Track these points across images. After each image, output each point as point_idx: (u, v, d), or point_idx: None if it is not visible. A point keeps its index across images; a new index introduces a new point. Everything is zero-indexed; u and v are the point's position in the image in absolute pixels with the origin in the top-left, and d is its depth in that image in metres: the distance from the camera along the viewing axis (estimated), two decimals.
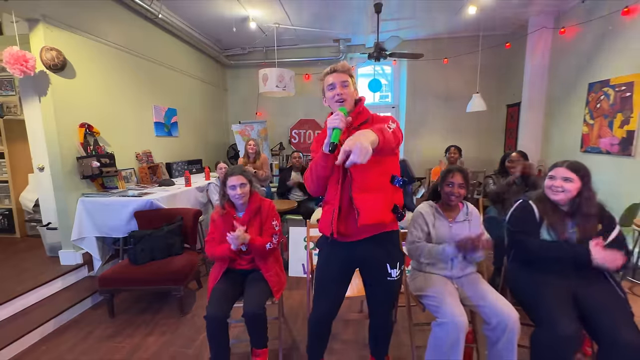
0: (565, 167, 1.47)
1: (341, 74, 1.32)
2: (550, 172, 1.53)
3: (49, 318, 2.09)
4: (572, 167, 1.47)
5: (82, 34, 2.74)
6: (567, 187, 1.45)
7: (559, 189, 1.47)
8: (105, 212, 2.60)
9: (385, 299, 1.46)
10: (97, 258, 2.67)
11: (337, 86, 1.31)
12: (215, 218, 1.74)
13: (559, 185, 1.47)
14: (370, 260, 1.38)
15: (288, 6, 3.81)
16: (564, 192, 1.46)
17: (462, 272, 1.64)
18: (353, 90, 1.35)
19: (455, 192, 1.64)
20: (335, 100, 1.31)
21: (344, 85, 1.31)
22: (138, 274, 2.19)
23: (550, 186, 1.50)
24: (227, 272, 1.74)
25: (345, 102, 1.31)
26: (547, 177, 1.54)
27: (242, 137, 4.76)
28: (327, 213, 1.38)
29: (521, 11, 4.05)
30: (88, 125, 2.72)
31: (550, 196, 1.51)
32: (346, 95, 1.31)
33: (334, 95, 1.31)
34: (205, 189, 3.35)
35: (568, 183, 1.45)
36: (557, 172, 1.49)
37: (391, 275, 1.37)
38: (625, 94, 3.05)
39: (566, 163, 1.49)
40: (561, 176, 1.47)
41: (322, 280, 1.44)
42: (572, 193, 1.45)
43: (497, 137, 5.26)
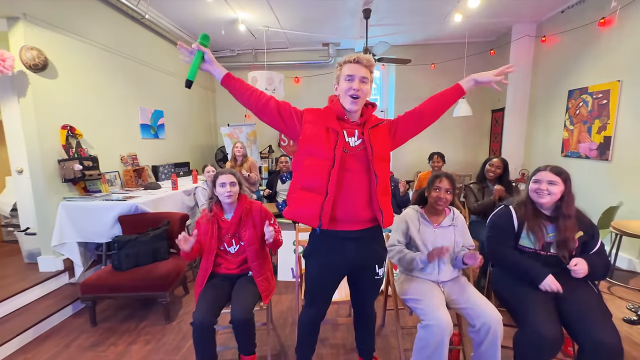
0: (549, 171, 1.52)
1: (363, 68, 1.23)
2: (535, 176, 1.57)
3: (27, 327, 2.01)
4: (556, 171, 1.51)
5: (66, 33, 2.66)
6: (552, 190, 1.50)
7: (544, 192, 1.51)
8: (87, 216, 2.52)
9: (371, 295, 1.49)
10: (78, 264, 2.58)
11: (355, 80, 1.22)
12: (201, 221, 1.72)
13: (544, 189, 1.51)
14: (362, 264, 1.37)
15: (278, 10, 3.82)
16: (550, 195, 1.50)
17: (449, 277, 1.67)
18: (369, 88, 1.27)
19: (443, 197, 1.67)
20: (350, 94, 1.23)
21: (363, 81, 1.23)
22: (122, 280, 2.13)
23: (536, 189, 1.54)
24: (214, 277, 1.72)
25: (359, 100, 1.24)
26: (532, 181, 1.58)
27: (230, 140, 4.72)
28: (310, 201, 1.24)
29: (505, 19, 4.17)
30: (70, 127, 2.65)
31: (536, 199, 1.55)
32: (362, 93, 1.23)
33: (349, 88, 1.22)
34: (193, 192, 3.30)
35: (553, 186, 1.50)
36: (541, 176, 1.53)
37: (378, 275, 1.40)
38: (602, 101, 3.18)
39: (549, 167, 1.54)
40: (546, 180, 1.51)
41: (315, 287, 1.42)
42: (557, 196, 1.50)
43: (483, 141, 5.39)
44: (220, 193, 1.66)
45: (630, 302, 2.34)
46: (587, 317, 1.35)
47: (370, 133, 1.28)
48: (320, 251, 1.35)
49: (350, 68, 1.23)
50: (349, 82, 1.23)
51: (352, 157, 1.24)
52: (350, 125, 1.28)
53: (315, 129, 1.26)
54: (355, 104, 1.25)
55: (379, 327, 2.09)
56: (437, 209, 1.71)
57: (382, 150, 1.29)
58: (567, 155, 3.68)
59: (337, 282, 1.43)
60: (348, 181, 1.24)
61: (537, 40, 4.21)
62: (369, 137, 1.26)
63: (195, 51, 1.21)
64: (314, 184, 1.24)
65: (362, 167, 1.25)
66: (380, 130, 1.32)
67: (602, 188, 3.19)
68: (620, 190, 2.98)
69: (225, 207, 1.72)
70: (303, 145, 1.29)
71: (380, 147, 1.28)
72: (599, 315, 1.36)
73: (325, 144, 1.23)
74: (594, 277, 1.52)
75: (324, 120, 1.28)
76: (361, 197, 1.25)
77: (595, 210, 2.89)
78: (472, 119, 4.90)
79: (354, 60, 1.23)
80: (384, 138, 1.32)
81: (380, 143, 1.29)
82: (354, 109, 1.27)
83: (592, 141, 3.32)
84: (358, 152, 1.25)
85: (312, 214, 1.24)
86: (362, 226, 1.31)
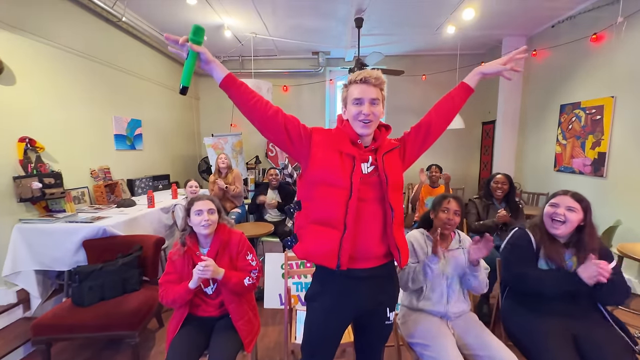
0: (570, 197, 1.41)
1: (372, 88, 1.06)
2: (553, 199, 1.46)
3: None
4: (577, 198, 1.41)
5: (27, 34, 2.39)
6: (570, 217, 1.39)
7: (560, 218, 1.40)
8: (47, 241, 2.22)
9: (380, 343, 1.28)
10: (35, 296, 2.26)
11: (365, 103, 1.05)
12: (174, 256, 1.47)
13: (561, 214, 1.40)
14: (373, 308, 1.17)
15: (266, 16, 3.64)
16: (565, 224, 1.39)
17: (457, 309, 1.50)
18: (382, 109, 1.10)
19: (452, 218, 1.53)
20: (360, 120, 1.06)
21: (374, 103, 1.06)
22: (83, 318, 1.84)
23: (552, 214, 1.43)
24: (190, 320, 1.47)
25: (371, 124, 1.07)
26: (548, 204, 1.47)
27: (214, 151, 4.46)
28: (326, 237, 1.06)
29: (495, 32, 4.16)
30: (29, 139, 2.35)
31: (549, 227, 1.44)
32: (374, 116, 1.06)
33: (358, 113, 1.06)
34: (171, 209, 3.03)
35: (571, 213, 1.39)
36: (560, 200, 1.43)
37: (389, 319, 1.20)
38: (596, 116, 3.15)
39: (570, 192, 1.44)
40: (565, 205, 1.41)
41: (318, 336, 1.18)
42: (573, 225, 1.39)
43: (473, 153, 5.35)
44: (195, 223, 1.43)
45: (634, 328, 2.23)
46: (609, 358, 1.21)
47: (384, 160, 1.11)
48: (327, 294, 1.14)
49: (358, 90, 1.06)
50: (357, 105, 1.07)
51: (365, 186, 1.07)
52: (363, 150, 1.11)
53: (328, 153, 1.08)
54: (367, 128, 1.07)
55: None
56: (444, 232, 1.55)
57: (397, 178, 1.12)
58: (560, 170, 3.64)
59: (343, 330, 1.21)
60: (362, 212, 1.07)
61: (528, 53, 4.20)
62: (382, 164, 1.09)
63: (187, 49, 1.00)
64: (330, 216, 1.06)
65: (375, 196, 1.09)
66: (393, 156, 1.16)
67: (597, 205, 3.10)
68: (617, 207, 2.92)
69: (201, 240, 1.49)
70: (313, 172, 1.09)
71: (395, 174, 1.12)
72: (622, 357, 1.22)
73: (340, 170, 1.06)
74: (615, 299, 1.40)
75: (337, 143, 1.09)
76: (376, 230, 1.08)
77: None
78: (462, 131, 4.84)
79: (361, 80, 1.06)
80: (397, 164, 1.16)
81: (394, 170, 1.13)
82: (366, 133, 1.09)
83: (586, 157, 3.28)
84: (371, 179, 1.09)
85: (329, 253, 1.05)
86: (375, 263, 1.11)
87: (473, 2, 3.22)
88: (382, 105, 1.11)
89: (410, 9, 3.46)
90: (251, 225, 3.03)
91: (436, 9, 3.45)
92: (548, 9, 3.45)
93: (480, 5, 3.29)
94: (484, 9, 3.38)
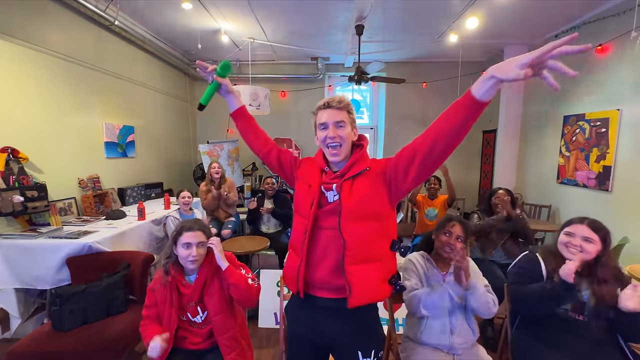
0: (587, 226, 1.32)
1: (336, 112, 1.08)
2: (567, 228, 1.37)
3: None
4: (594, 227, 1.31)
5: (9, 38, 2.27)
6: (587, 248, 1.30)
7: (577, 249, 1.31)
8: (28, 257, 2.09)
9: None
10: (15, 316, 2.13)
11: (330, 126, 1.07)
12: (155, 286, 1.36)
13: (577, 245, 1.31)
14: (339, 343, 1.08)
15: (264, 22, 3.55)
16: (582, 254, 1.29)
17: (463, 340, 1.40)
18: (351, 131, 1.10)
19: (453, 243, 1.44)
20: (327, 144, 1.08)
21: (339, 126, 1.07)
22: (63, 345, 1.71)
23: (567, 243, 1.34)
24: (176, 354, 1.36)
25: (339, 148, 1.07)
26: (563, 232, 1.39)
27: (210, 159, 4.35)
28: (292, 261, 1.13)
29: (498, 41, 4.09)
30: (12, 149, 2.23)
31: (566, 256, 1.35)
32: (341, 139, 1.07)
33: (325, 137, 1.08)
34: (163, 222, 2.91)
35: (588, 244, 1.30)
36: (576, 230, 1.34)
37: None
38: (601, 129, 3.08)
39: (587, 221, 1.34)
40: (581, 235, 1.31)
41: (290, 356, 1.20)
42: (591, 256, 1.29)
43: (474, 162, 5.27)
44: (182, 256, 1.32)
45: None
46: None
47: (344, 186, 1.05)
48: (291, 315, 1.20)
49: (324, 115, 1.09)
50: (323, 130, 1.09)
51: (326, 214, 1.05)
52: (329, 179, 1.10)
53: (301, 185, 1.16)
54: (336, 155, 1.08)
55: None
56: (443, 255, 1.47)
57: (359, 206, 1.01)
58: (564, 182, 3.56)
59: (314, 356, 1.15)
60: (318, 241, 1.05)
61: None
62: (340, 189, 1.05)
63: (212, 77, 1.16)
64: (295, 243, 1.13)
65: (333, 225, 1.03)
66: (363, 180, 1.05)
67: (602, 219, 3.03)
68: (623, 223, 2.84)
69: (187, 269, 1.38)
70: (294, 200, 1.20)
71: (357, 201, 1.02)
72: None
73: (305, 201, 1.10)
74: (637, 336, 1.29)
75: (309, 175, 1.15)
76: (330, 260, 1.03)
77: None
78: None
79: (324, 105, 1.10)
80: (368, 188, 1.04)
81: (358, 196, 1.02)
82: (336, 160, 1.10)
83: (591, 170, 3.21)
84: (332, 207, 1.05)
85: (292, 277, 1.11)
86: (333, 295, 1.04)
87: (476, 10, 3.14)
88: (351, 127, 1.11)
89: (412, 16, 3.38)
90: (246, 240, 2.91)
91: (438, 17, 3.37)
92: (551, 19, 3.39)
93: (483, 14, 3.22)
94: (487, 17, 3.31)
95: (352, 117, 1.11)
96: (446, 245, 1.45)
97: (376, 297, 1.05)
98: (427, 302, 1.34)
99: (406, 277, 1.49)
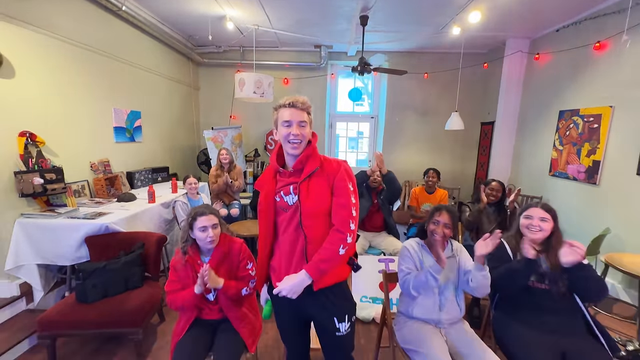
0: (541, 208, 1.58)
1: (300, 112, 1.19)
2: (526, 212, 1.61)
3: None
4: (547, 208, 1.58)
5: (25, 25, 2.33)
6: (544, 226, 1.55)
7: (536, 228, 1.55)
8: (49, 236, 2.24)
9: (337, 355, 1.34)
10: (38, 289, 2.30)
11: (293, 125, 1.18)
12: (176, 265, 1.52)
13: (536, 225, 1.55)
14: (317, 314, 1.27)
15: (269, 9, 3.57)
16: (542, 231, 1.54)
17: (450, 316, 1.58)
18: (309, 130, 1.23)
19: (439, 231, 1.61)
20: (290, 140, 1.19)
21: (302, 125, 1.19)
22: (87, 315, 1.89)
23: (528, 225, 1.59)
24: (194, 323, 1.53)
25: (299, 144, 1.19)
26: (523, 217, 1.62)
27: (214, 144, 4.45)
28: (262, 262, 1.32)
29: (499, 34, 4.13)
30: (30, 133, 2.33)
31: (529, 235, 1.58)
32: (302, 137, 1.19)
33: (288, 134, 1.19)
34: (172, 205, 3.05)
35: (544, 223, 1.55)
36: (533, 212, 1.58)
37: (340, 330, 1.26)
38: (593, 125, 3.20)
39: (540, 204, 1.61)
40: (538, 216, 1.56)
41: (280, 329, 1.41)
42: (547, 232, 1.54)
43: (471, 153, 5.39)
44: (201, 238, 1.47)
45: (618, 334, 2.35)
46: None
47: (301, 188, 1.19)
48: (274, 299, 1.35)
49: (287, 113, 1.19)
50: (287, 127, 1.19)
51: (287, 216, 1.23)
52: (286, 180, 1.24)
53: (263, 196, 1.28)
54: (296, 149, 1.20)
55: None
56: (433, 242, 1.63)
57: (316, 205, 1.19)
58: (555, 175, 3.71)
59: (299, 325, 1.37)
60: (284, 240, 1.25)
61: (530, 56, 4.20)
62: (299, 191, 1.19)
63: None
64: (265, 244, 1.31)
65: (294, 225, 1.21)
66: (318, 179, 1.21)
67: (589, 211, 3.23)
68: (607, 215, 3.01)
69: (203, 249, 1.53)
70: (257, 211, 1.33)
71: (313, 201, 1.19)
72: None
73: (266, 209, 1.26)
74: (589, 294, 1.51)
75: (265, 186, 1.28)
76: (296, 256, 1.22)
77: (581, 232, 2.92)
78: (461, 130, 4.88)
79: (289, 104, 1.19)
80: (320, 189, 1.20)
81: (314, 196, 1.19)
82: (296, 153, 1.21)
83: (581, 164, 3.34)
84: (292, 211, 1.21)
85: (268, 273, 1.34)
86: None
87: (480, 4, 3.18)
88: (310, 127, 1.23)
89: (416, 8, 3.42)
90: (252, 223, 3.07)
91: (442, 9, 3.41)
92: (554, 13, 3.43)
93: (486, 7, 3.26)
94: (489, 11, 3.35)
95: (311, 117, 1.24)
96: (434, 233, 1.62)
97: (338, 279, 1.25)
98: (415, 284, 1.53)
99: (401, 262, 1.66)
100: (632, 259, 2.22)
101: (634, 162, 2.77)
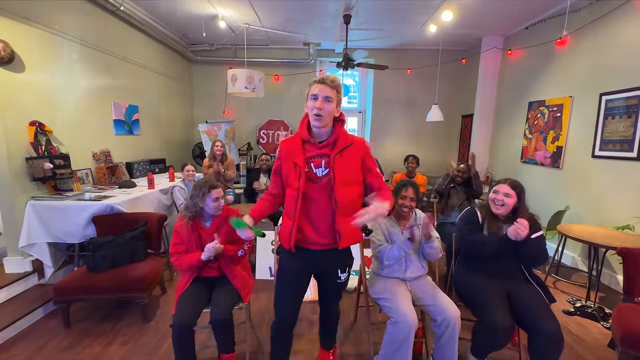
0: (507, 185, 1.75)
1: (328, 88, 1.30)
2: (495, 187, 1.80)
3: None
4: (512, 185, 1.74)
5: (34, 24, 2.53)
6: (506, 201, 1.73)
7: (500, 202, 1.74)
8: (59, 216, 2.46)
9: (334, 296, 1.63)
10: (48, 265, 2.52)
11: (319, 98, 1.29)
12: (180, 229, 1.76)
13: (500, 199, 1.74)
14: (324, 270, 1.51)
15: (259, 8, 3.81)
16: (504, 206, 1.73)
17: (414, 274, 1.84)
18: (334, 108, 1.33)
19: (407, 204, 1.85)
20: (314, 113, 1.30)
21: (327, 100, 1.29)
22: (98, 282, 2.12)
23: (494, 199, 1.78)
24: (195, 280, 1.77)
25: (321, 118, 1.30)
26: (492, 191, 1.81)
27: (209, 137, 4.67)
28: (286, 227, 1.42)
29: (475, 32, 4.43)
30: (39, 123, 2.54)
31: (493, 209, 1.79)
32: (325, 111, 1.29)
33: (313, 107, 1.30)
34: (170, 191, 3.28)
35: (507, 198, 1.73)
36: (500, 188, 1.76)
37: (340, 279, 1.52)
38: (557, 114, 3.51)
39: (508, 181, 1.76)
40: (503, 192, 1.74)
41: (279, 290, 1.52)
42: (509, 207, 1.73)
43: (453, 144, 5.70)
44: (212, 207, 1.73)
45: (571, 296, 2.65)
46: (533, 310, 1.57)
47: (336, 159, 1.34)
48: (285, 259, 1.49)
49: (316, 88, 1.31)
50: (313, 100, 1.31)
51: (317, 187, 1.35)
52: (317, 151, 1.36)
53: (287, 164, 1.40)
54: (317, 121, 1.31)
55: (351, 322, 2.25)
56: (402, 214, 1.88)
57: (347, 175, 1.35)
58: (526, 162, 4.02)
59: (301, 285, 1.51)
60: (312, 210, 1.37)
61: (504, 52, 4.51)
62: (333, 164, 1.33)
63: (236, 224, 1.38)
64: (288, 211, 1.43)
65: (324, 196, 1.35)
66: (350, 153, 1.37)
67: (554, 193, 3.54)
68: (568, 195, 3.32)
69: (205, 215, 1.78)
70: (284, 178, 1.45)
71: (345, 171, 1.35)
72: (542, 308, 1.58)
73: (294, 177, 1.37)
74: (532, 260, 1.73)
75: (292, 154, 1.38)
76: (324, 224, 1.38)
77: (548, 212, 3.22)
78: (443, 123, 5.16)
79: (319, 81, 1.32)
80: (353, 161, 1.38)
81: (347, 167, 1.35)
82: (316, 125, 1.33)
83: (547, 150, 3.66)
84: (324, 183, 1.35)
85: (285, 238, 1.42)
86: (326, 247, 1.42)
87: (451, 4, 3.47)
88: (336, 105, 1.34)
89: (395, 7, 3.69)
90: (245, 207, 3.31)
91: (419, 8, 3.68)
92: (521, 13, 3.74)
93: (458, 7, 3.55)
94: (463, 10, 3.64)
95: (340, 97, 1.33)
96: (403, 206, 1.86)
97: (356, 240, 1.47)
98: (388, 255, 1.78)
99: (375, 234, 1.88)
100: (580, 228, 2.52)
101: (589, 146, 3.08)
